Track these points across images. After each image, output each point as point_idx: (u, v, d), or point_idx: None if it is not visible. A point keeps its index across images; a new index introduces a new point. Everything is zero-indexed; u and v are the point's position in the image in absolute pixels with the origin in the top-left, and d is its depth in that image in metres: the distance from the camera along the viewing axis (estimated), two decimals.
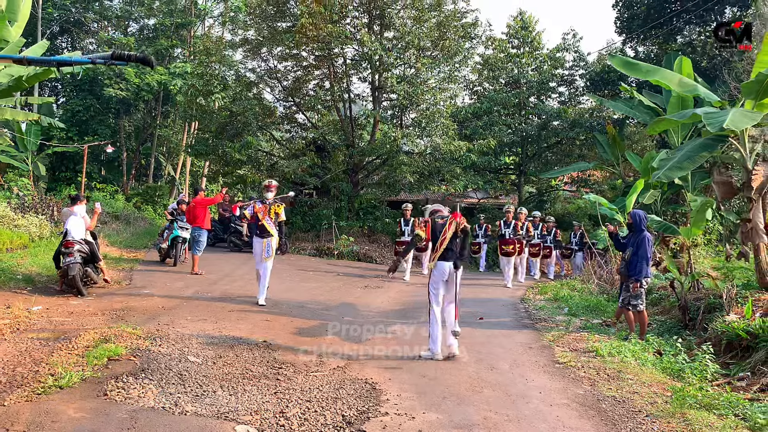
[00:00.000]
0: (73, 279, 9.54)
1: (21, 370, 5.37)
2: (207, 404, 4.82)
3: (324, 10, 18.46)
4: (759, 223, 8.53)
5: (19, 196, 17.66)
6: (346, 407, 4.95)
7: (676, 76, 9.72)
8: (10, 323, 7.32)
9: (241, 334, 7.38)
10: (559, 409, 5.03)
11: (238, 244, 17.91)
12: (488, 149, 20.80)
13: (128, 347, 6.20)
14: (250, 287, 11.00)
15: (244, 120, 20.13)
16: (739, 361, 6.81)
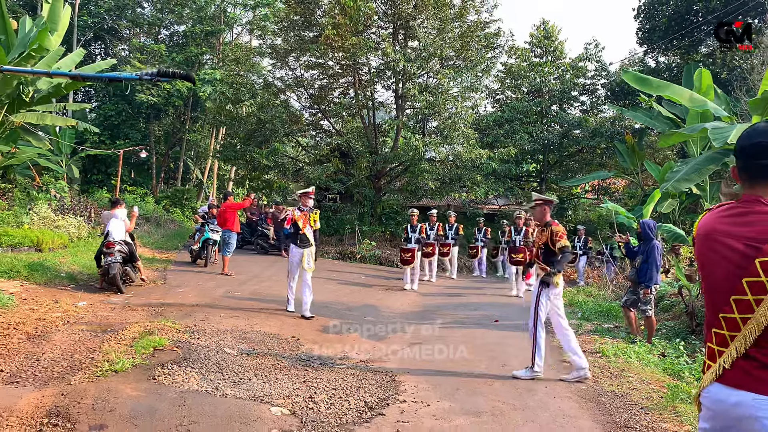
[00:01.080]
0: (113, 277, 10.23)
1: (78, 356, 6.00)
2: (244, 389, 5.39)
3: (349, 21, 19.08)
4: None
5: (57, 198, 18.49)
6: (368, 395, 5.50)
7: (686, 92, 10.14)
8: (61, 316, 7.99)
9: (272, 330, 7.96)
10: (562, 401, 5.52)
11: (264, 247, 18.55)
12: (509, 157, 21.22)
13: (170, 339, 6.80)
14: (278, 287, 11.59)
15: (271, 127, 20.83)
16: None
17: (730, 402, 2.10)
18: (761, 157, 2.15)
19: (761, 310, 2.02)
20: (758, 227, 2.09)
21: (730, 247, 2.14)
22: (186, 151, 35.29)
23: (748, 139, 2.21)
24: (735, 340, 2.10)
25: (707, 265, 2.25)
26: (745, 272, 2.08)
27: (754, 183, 2.18)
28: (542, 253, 6.53)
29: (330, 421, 4.78)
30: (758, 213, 2.12)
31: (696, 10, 21.45)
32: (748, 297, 2.06)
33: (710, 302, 2.24)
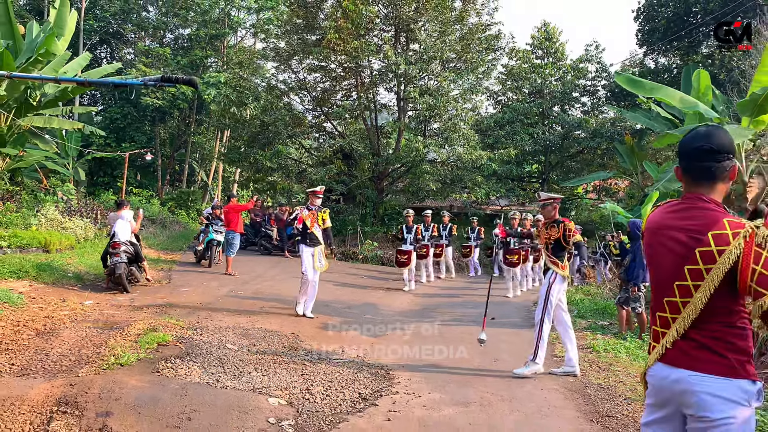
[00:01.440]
0: (119, 277, 10.49)
1: (85, 351, 6.26)
2: (244, 381, 5.63)
3: (351, 25, 19.34)
4: None
5: (64, 200, 18.80)
6: (363, 387, 5.73)
7: (677, 94, 10.35)
8: (68, 314, 8.25)
9: (272, 328, 8.20)
10: (549, 393, 5.75)
11: (268, 248, 18.81)
12: (509, 158, 21.43)
13: (174, 335, 7.05)
14: (280, 287, 11.84)
15: (275, 129, 21.11)
16: None
17: (671, 379, 2.35)
18: (702, 160, 2.40)
19: (699, 295, 2.27)
20: (699, 221, 2.34)
21: (675, 239, 2.39)
22: (191, 153, 35.62)
23: (690, 143, 2.45)
24: (676, 322, 2.35)
25: (655, 256, 2.49)
26: (687, 260, 2.33)
27: (696, 182, 2.43)
28: (552, 249, 6.76)
29: (325, 411, 5.02)
30: (699, 208, 2.38)
31: (695, 11, 21.63)
32: (688, 282, 2.31)
33: (656, 288, 2.49)
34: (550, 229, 6.81)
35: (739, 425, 2.20)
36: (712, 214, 2.33)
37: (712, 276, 2.25)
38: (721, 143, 2.40)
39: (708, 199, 2.40)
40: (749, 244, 2.20)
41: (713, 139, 2.41)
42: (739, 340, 2.27)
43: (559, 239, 6.71)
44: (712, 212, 2.34)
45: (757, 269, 2.17)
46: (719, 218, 2.30)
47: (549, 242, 6.79)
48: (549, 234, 6.79)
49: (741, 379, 2.23)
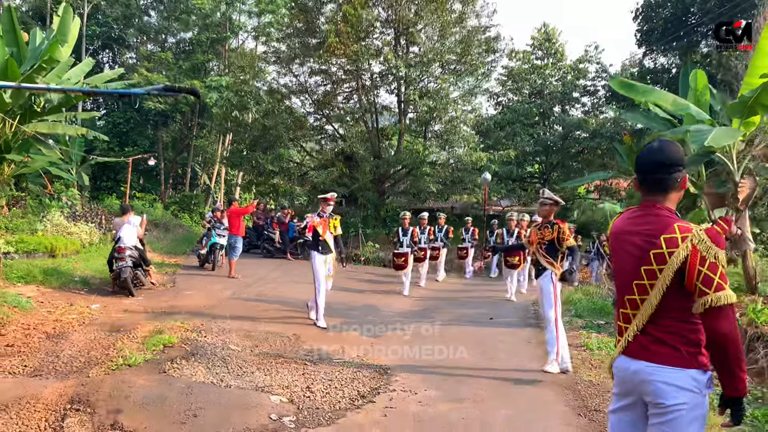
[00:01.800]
0: (125, 281, 10.72)
1: (94, 353, 6.49)
2: (247, 381, 5.86)
3: (351, 29, 19.57)
4: (746, 232, 9.31)
5: (69, 205, 19.06)
6: (361, 385, 5.95)
7: (670, 96, 10.54)
8: (76, 318, 8.49)
9: (275, 329, 8.42)
10: (540, 389, 5.96)
11: (270, 251, 19.04)
12: (509, 159, 21.61)
13: (179, 337, 7.28)
14: (282, 289, 12.07)
15: (276, 133, 21.34)
16: None
17: (631, 370, 2.60)
18: (655, 172, 2.65)
19: (654, 293, 2.51)
20: (653, 226, 2.59)
21: (633, 242, 2.64)
22: (194, 156, 35.85)
23: (644, 158, 2.70)
24: (635, 318, 2.59)
25: (618, 258, 2.73)
26: (643, 261, 2.57)
27: (651, 192, 2.68)
28: (546, 249, 6.84)
29: (324, 408, 5.23)
30: (654, 215, 2.63)
31: (693, 11, 21.81)
32: (644, 282, 2.55)
33: (619, 287, 2.73)
34: (544, 230, 6.86)
35: (690, 410, 2.44)
36: (665, 220, 2.57)
37: (664, 275, 2.48)
38: (671, 157, 2.63)
39: (662, 207, 2.65)
40: (696, 248, 2.43)
41: (664, 153, 2.64)
42: (690, 333, 2.50)
43: (553, 240, 6.78)
44: (664, 218, 2.58)
45: (702, 270, 2.41)
46: (671, 223, 2.54)
47: (542, 243, 6.85)
48: (543, 234, 6.86)
49: (692, 369, 2.46)
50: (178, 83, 30.02)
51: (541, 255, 6.88)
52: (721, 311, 2.40)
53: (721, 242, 2.46)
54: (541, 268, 6.90)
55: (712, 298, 2.39)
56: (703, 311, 2.43)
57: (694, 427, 2.47)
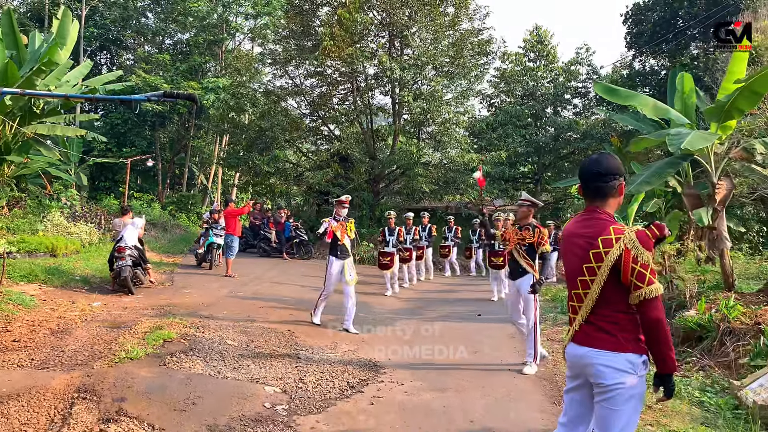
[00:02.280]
0: (125, 279, 11.06)
1: (97, 347, 6.82)
2: (242, 373, 6.20)
3: (345, 33, 19.91)
4: (723, 231, 9.69)
5: (69, 205, 19.37)
6: (351, 377, 6.30)
7: (650, 101, 10.92)
8: (79, 315, 8.82)
9: (270, 326, 8.76)
10: (520, 380, 6.32)
11: (266, 250, 19.38)
12: (500, 160, 21.95)
13: (178, 333, 7.61)
14: (278, 288, 12.44)
15: (272, 134, 21.67)
16: (688, 349, 7.99)
17: (578, 355, 2.96)
18: (594, 181, 3.02)
19: (594, 287, 2.87)
20: (593, 228, 2.94)
21: (577, 243, 3.00)
22: (191, 157, 36.12)
23: (587, 168, 3.07)
24: (580, 309, 2.95)
25: (566, 257, 3.10)
26: (585, 260, 2.93)
27: (592, 199, 3.04)
28: (526, 251, 6.99)
29: (315, 397, 5.59)
30: (594, 219, 2.99)
31: (681, 14, 22.20)
32: (586, 278, 2.91)
33: (568, 283, 3.10)
34: (524, 232, 6.99)
35: (627, 389, 2.80)
36: (603, 223, 2.93)
37: (601, 272, 2.85)
38: (608, 167, 2.99)
39: (601, 211, 3.02)
40: (628, 248, 2.80)
41: (602, 165, 3.00)
42: (626, 322, 2.86)
43: (533, 244, 6.94)
44: (603, 221, 2.94)
45: (636, 268, 2.78)
46: (607, 226, 2.90)
47: (522, 245, 6.99)
48: (523, 236, 6.99)
49: (628, 353, 2.82)
50: (175, 84, 30.35)
51: (521, 256, 7.01)
52: (653, 302, 2.77)
53: (649, 244, 2.82)
54: (521, 270, 7.02)
55: (646, 291, 2.76)
56: (638, 303, 2.79)
57: (632, 404, 2.83)
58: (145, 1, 35.71)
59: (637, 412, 2.89)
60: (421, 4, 21.50)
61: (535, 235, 6.92)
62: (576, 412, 3.11)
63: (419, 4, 21.42)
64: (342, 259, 9.05)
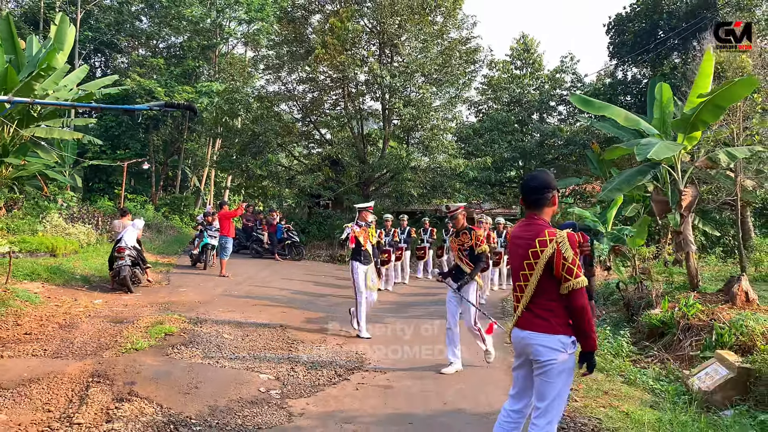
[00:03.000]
0: (124, 278, 11.61)
1: (104, 340, 7.39)
2: (239, 362, 6.78)
3: (337, 41, 20.52)
4: (688, 235, 10.34)
5: (68, 207, 19.87)
6: (339, 366, 6.89)
7: (622, 112, 11.56)
8: (82, 311, 9.38)
9: (263, 321, 9.34)
10: (493, 370, 6.94)
11: (259, 251, 19.95)
12: (485, 166, 22.62)
13: (178, 327, 8.19)
14: (270, 287, 12.98)
15: (265, 139, 22.25)
16: (651, 344, 8.63)
17: (520, 337, 3.58)
18: (532, 194, 3.65)
19: (532, 280, 3.49)
20: (532, 232, 3.57)
21: (519, 244, 3.63)
22: (184, 159, 36.64)
23: (525, 184, 3.72)
24: (522, 299, 3.57)
25: (511, 255, 3.74)
26: (525, 258, 3.56)
27: (531, 208, 3.66)
28: (468, 255, 7.07)
29: (306, 384, 6.17)
30: (533, 224, 3.62)
31: (660, 26, 22.94)
32: (526, 272, 3.54)
33: (513, 277, 3.72)
34: (463, 236, 7.09)
35: (559, 364, 3.42)
36: (540, 228, 3.54)
37: (538, 267, 3.47)
38: (542, 183, 3.62)
39: (538, 218, 3.64)
40: (559, 247, 3.42)
41: (538, 180, 3.63)
42: (558, 309, 3.48)
43: (473, 246, 7.03)
44: (539, 226, 3.56)
45: (566, 264, 3.40)
46: (543, 230, 3.52)
47: (463, 249, 7.09)
48: (462, 241, 7.09)
49: (559, 334, 3.45)
50: (169, 88, 30.88)
51: (464, 262, 7.07)
52: (579, 292, 3.39)
53: (575, 245, 3.45)
54: (464, 275, 7.04)
55: (573, 283, 3.38)
56: (567, 293, 3.41)
57: (563, 377, 3.46)
58: (139, 5, 36.18)
59: (567, 384, 3.52)
60: (411, 13, 22.13)
61: (472, 238, 7.05)
62: (521, 386, 3.73)
63: (408, 14, 22.06)
64: (365, 264, 9.09)
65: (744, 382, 5.95)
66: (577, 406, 5.67)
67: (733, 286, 9.08)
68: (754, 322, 6.99)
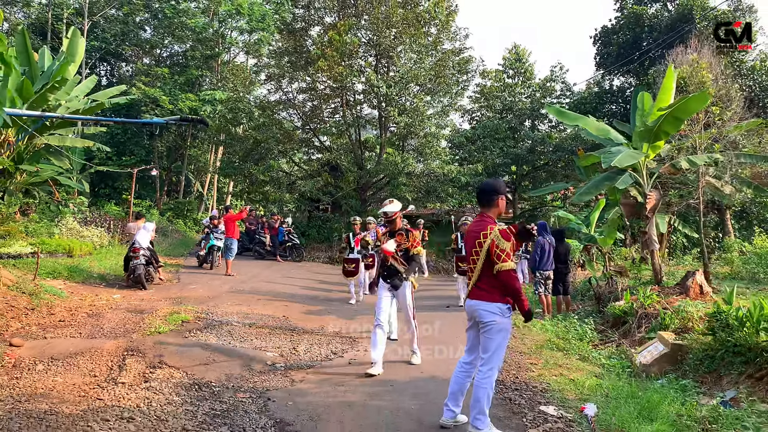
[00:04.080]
0: (139, 276, 12.69)
1: (129, 326, 8.46)
2: (247, 344, 7.85)
3: (336, 54, 21.65)
4: (653, 235, 11.43)
5: (78, 211, 20.95)
6: (334, 347, 7.96)
7: (594, 123, 12.68)
8: (105, 303, 10.45)
9: (268, 313, 10.41)
10: None
11: (262, 253, 21.05)
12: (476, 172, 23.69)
13: (192, 316, 9.26)
14: (273, 285, 14.07)
15: (267, 146, 23.36)
16: (614, 331, 9.70)
17: (471, 305, 4.67)
18: (483, 196, 4.75)
19: (479, 263, 4.59)
20: (480, 227, 4.66)
21: (472, 236, 4.70)
22: (187, 165, 37.71)
23: (480, 188, 4.82)
24: (473, 276, 4.64)
25: (466, 244, 4.81)
26: (474, 246, 4.64)
27: (483, 207, 4.74)
28: (402, 256, 7.13)
29: (306, 359, 7.24)
30: (483, 221, 4.71)
31: (643, 38, 24.09)
32: (475, 257, 4.63)
33: (467, 261, 4.78)
34: (399, 237, 7.17)
35: (497, 324, 4.51)
36: (486, 224, 4.63)
37: (482, 254, 4.56)
38: (492, 188, 4.71)
39: (487, 216, 4.72)
40: (494, 239, 4.51)
41: (489, 186, 4.74)
42: (496, 284, 4.55)
43: (407, 248, 7.12)
44: (486, 223, 4.64)
45: (497, 252, 4.48)
46: (487, 225, 4.60)
47: (398, 250, 7.12)
48: (398, 241, 7.15)
49: (497, 302, 4.53)
50: (173, 96, 31.97)
51: (398, 262, 7.11)
52: (507, 272, 4.48)
53: (508, 237, 4.54)
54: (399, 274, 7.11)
55: (502, 266, 4.47)
56: (497, 272, 4.49)
57: (502, 334, 4.56)
58: (143, 16, 37.29)
59: (505, 339, 4.62)
60: (406, 26, 23.26)
61: (409, 239, 7.12)
62: (472, 343, 4.83)
63: (404, 26, 23.19)
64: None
65: (676, 356, 7.03)
66: (533, 375, 6.75)
67: (688, 280, 10.17)
68: (693, 308, 8.06)
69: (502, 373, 6.72)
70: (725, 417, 5.16)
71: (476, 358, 4.80)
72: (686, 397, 5.89)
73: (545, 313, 10.94)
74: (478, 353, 4.77)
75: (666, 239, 19.73)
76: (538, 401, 5.78)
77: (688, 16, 21.94)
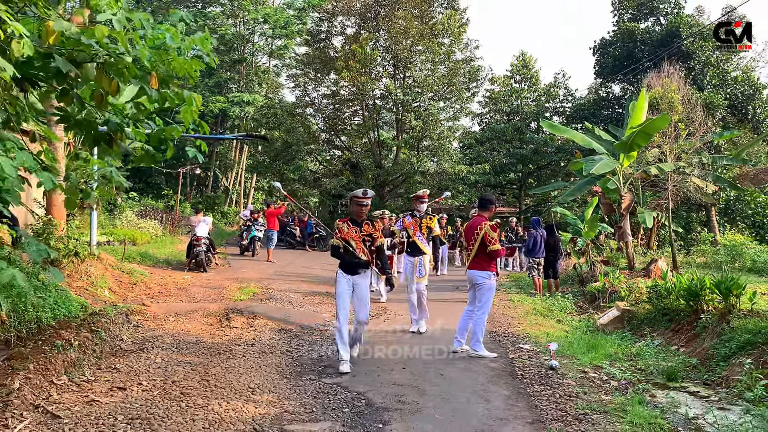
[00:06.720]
0: (200, 261, 15.31)
1: (214, 296, 11.09)
2: (305, 308, 10.45)
3: (359, 65, 24.23)
4: (627, 229, 13.92)
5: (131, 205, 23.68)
6: (372, 312, 10.51)
7: (579, 135, 15.14)
8: (183, 282, 13.07)
9: (313, 290, 13.00)
10: None
11: (292, 243, 23.75)
12: (484, 171, 26.24)
13: (258, 290, 11.88)
14: (310, 269, 16.67)
15: (296, 148, 26.03)
16: (590, 306, 12.22)
17: (470, 274, 7.29)
18: (482, 204, 7.31)
19: (475, 246, 7.20)
20: (476, 223, 7.26)
21: (471, 229, 7.28)
22: (214, 161, 40.38)
23: (481, 197, 7.40)
24: (471, 254, 7.22)
25: (467, 235, 7.37)
26: (473, 236, 7.24)
27: (480, 210, 7.34)
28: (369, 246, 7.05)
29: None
30: (479, 219, 7.32)
31: (635, 51, 26.46)
32: (473, 242, 7.21)
33: (467, 245, 7.36)
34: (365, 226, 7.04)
35: (487, 284, 7.10)
36: (480, 221, 7.19)
37: (477, 239, 7.13)
38: (489, 200, 7.31)
39: (483, 216, 7.29)
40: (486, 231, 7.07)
41: (487, 198, 7.34)
42: (487, 259, 7.11)
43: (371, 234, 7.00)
44: (482, 220, 7.20)
45: (489, 238, 7.04)
46: (481, 222, 7.17)
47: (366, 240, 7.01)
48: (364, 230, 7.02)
49: (487, 271, 7.11)
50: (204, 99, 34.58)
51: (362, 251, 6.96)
52: (495, 251, 7.04)
53: (495, 229, 7.08)
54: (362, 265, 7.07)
55: (492, 247, 7.02)
56: (489, 252, 7.05)
57: (490, 291, 7.14)
58: None
59: (492, 293, 7.19)
60: (421, 37, 25.76)
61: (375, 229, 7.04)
62: (471, 298, 7.42)
63: (419, 37, 25.69)
64: (412, 256, 9.06)
65: (625, 318, 9.57)
66: (519, 330, 9.31)
67: (651, 266, 12.67)
68: (643, 284, 10.59)
69: (495, 327, 9.30)
70: (645, 351, 7.71)
71: (474, 307, 7.35)
72: (623, 342, 8.44)
73: (537, 291, 13.47)
74: (474, 305, 7.33)
75: (655, 233, 22.17)
76: (518, 342, 8.35)
77: (676, 32, 24.30)
